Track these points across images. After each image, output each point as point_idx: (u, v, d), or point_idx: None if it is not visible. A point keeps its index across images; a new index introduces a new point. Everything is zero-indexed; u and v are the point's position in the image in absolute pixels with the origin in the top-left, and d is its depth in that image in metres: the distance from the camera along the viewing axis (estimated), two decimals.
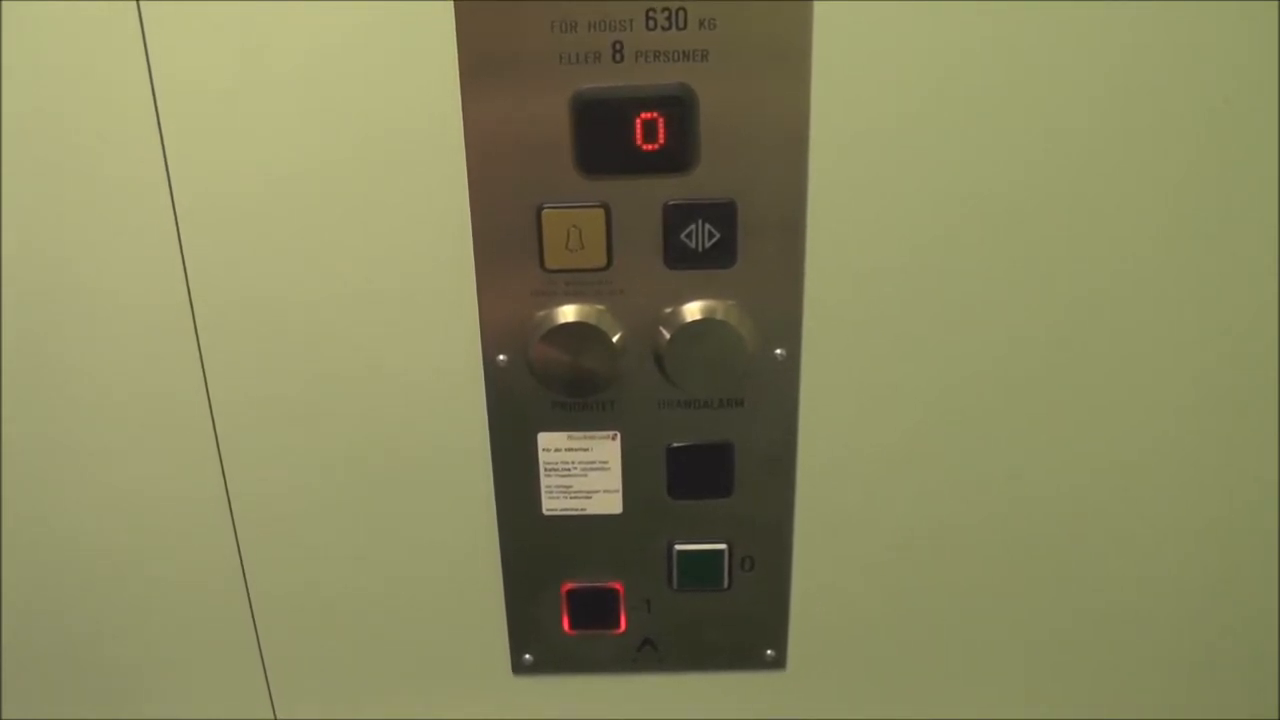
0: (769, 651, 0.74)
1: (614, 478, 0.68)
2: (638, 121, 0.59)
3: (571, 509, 0.69)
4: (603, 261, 0.62)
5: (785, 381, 0.66)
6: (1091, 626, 0.74)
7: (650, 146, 0.59)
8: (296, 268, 0.63)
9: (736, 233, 0.62)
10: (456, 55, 0.58)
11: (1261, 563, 0.72)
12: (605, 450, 0.68)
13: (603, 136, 0.59)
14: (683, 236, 0.62)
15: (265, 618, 0.74)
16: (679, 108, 0.59)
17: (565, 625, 0.73)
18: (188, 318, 0.65)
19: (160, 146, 0.60)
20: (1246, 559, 0.72)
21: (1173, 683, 0.76)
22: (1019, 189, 0.61)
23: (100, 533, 0.71)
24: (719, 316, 0.63)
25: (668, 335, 0.63)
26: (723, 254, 0.62)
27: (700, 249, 0.62)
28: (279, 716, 0.77)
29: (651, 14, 0.57)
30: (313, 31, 0.58)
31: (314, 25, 0.58)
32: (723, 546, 0.71)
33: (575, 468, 0.68)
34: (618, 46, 0.58)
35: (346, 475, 0.69)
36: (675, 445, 0.68)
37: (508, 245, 0.62)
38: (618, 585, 0.72)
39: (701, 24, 0.57)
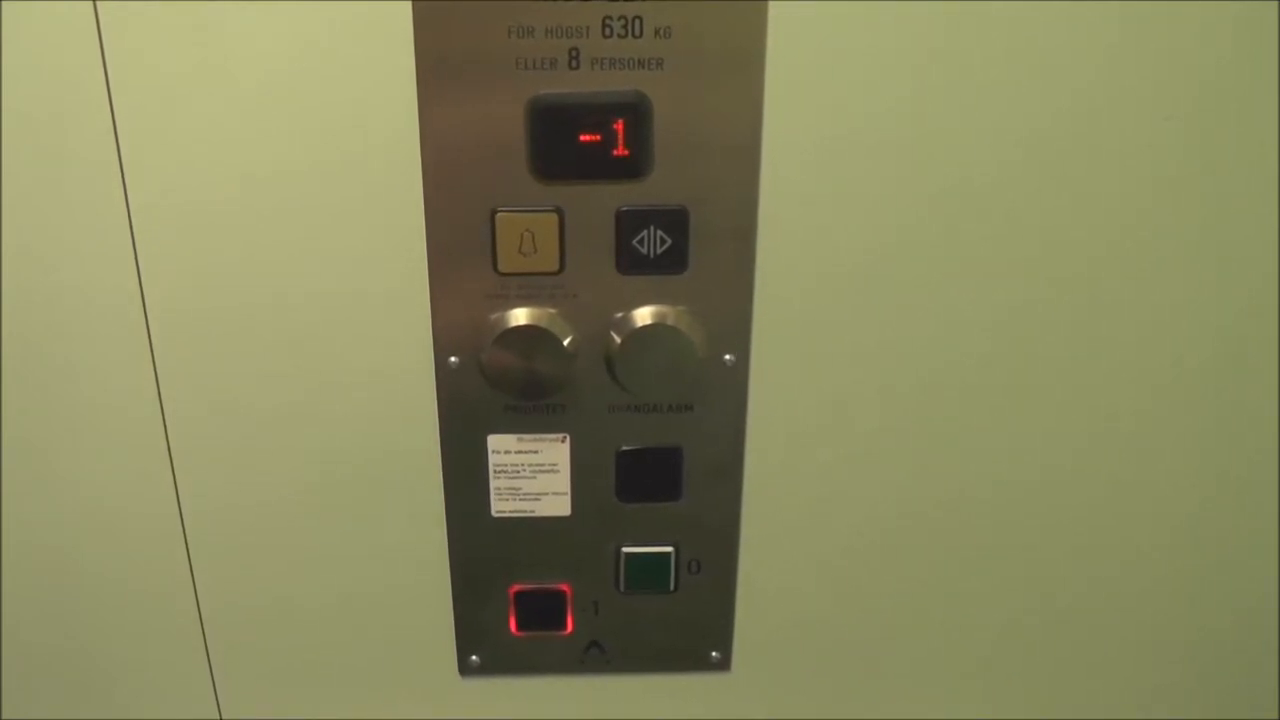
0: (714, 653, 0.75)
1: (563, 480, 0.69)
2: (592, 127, 0.59)
3: (520, 511, 0.70)
4: (555, 266, 0.63)
5: (734, 387, 0.67)
6: (1038, 627, 0.76)
7: (605, 152, 0.60)
8: (248, 268, 0.63)
9: (688, 239, 0.62)
10: (414, 58, 0.58)
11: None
12: (555, 453, 0.68)
13: (558, 142, 0.60)
14: (635, 242, 0.62)
15: (212, 616, 0.73)
16: (634, 114, 0.59)
17: (512, 627, 0.73)
18: (139, 314, 0.64)
19: (115, 147, 0.60)
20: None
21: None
22: (972, 195, 0.62)
23: (46, 531, 0.70)
24: (669, 322, 0.64)
25: (619, 340, 0.64)
26: (674, 260, 0.63)
27: (652, 255, 0.63)
28: (225, 717, 0.77)
29: (608, 21, 0.58)
30: (269, 33, 0.58)
31: (271, 27, 0.57)
32: (670, 549, 0.71)
33: (525, 470, 0.69)
34: (574, 53, 0.58)
35: (295, 475, 0.69)
36: (624, 449, 0.68)
37: (461, 248, 0.63)
38: (565, 587, 0.72)
39: (657, 32, 0.58)
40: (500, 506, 0.69)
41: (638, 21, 0.58)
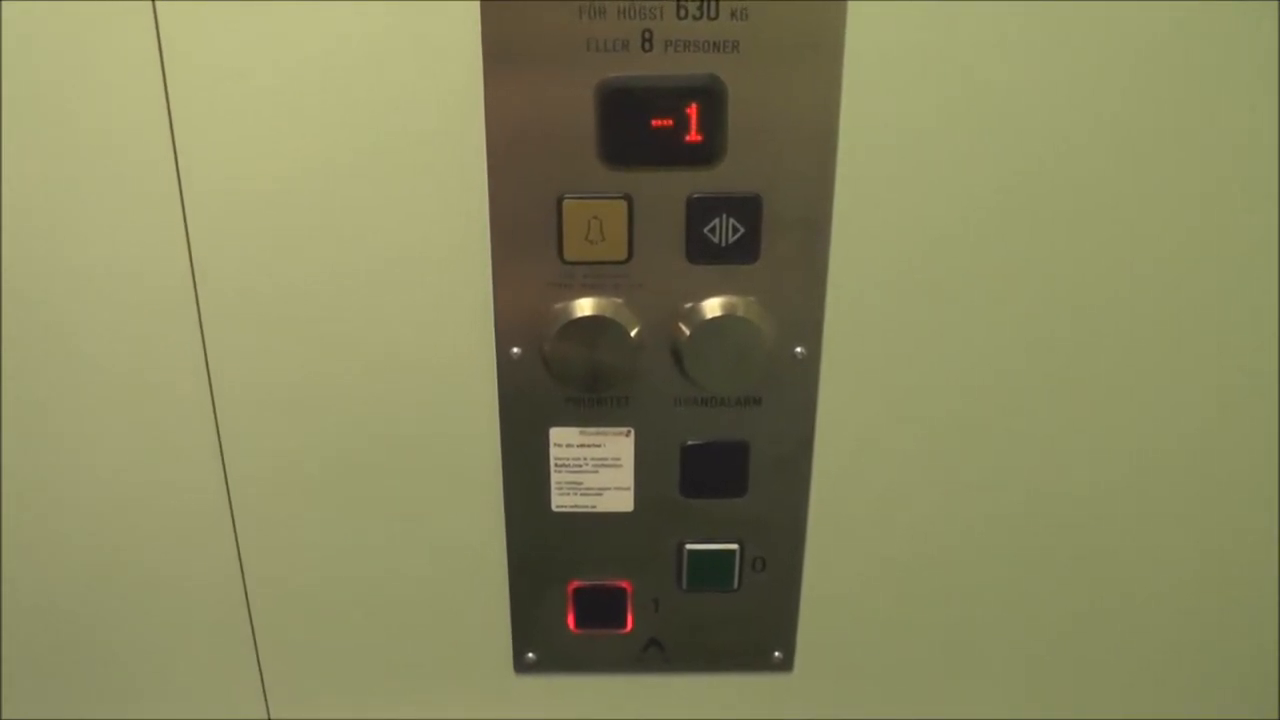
0: (776, 653, 0.73)
1: (626, 475, 0.67)
2: (664, 112, 0.58)
3: (581, 506, 0.68)
4: (623, 254, 0.61)
5: (804, 380, 0.65)
6: (1096, 629, 0.74)
7: (677, 138, 0.58)
8: (308, 255, 0.62)
9: (761, 228, 0.61)
10: (480, 39, 0.56)
11: (1262, 563, 0.72)
12: (618, 447, 0.67)
13: (628, 126, 0.58)
14: (706, 230, 0.61)
15: (261, 612, 0.72)
16: (707, 99, 0.57)
17: (570, 624, 0.72)
18: (192, 305, 0.63)
19: (169, 129, 0.58)
20: (1247, 559, 0.72)
21: (1173, 683, 0.76)
22: (1048, 190, 0.60)
23: (96, 525, 0.69)
24: (740, 313, 0.62)
25: (687, 331, 0.62)
26: (746, 249, 0.61)
27: (723, 244, 0.61)
28: (273, 717, 0.76)
29: (683, 3, 0.56)
30: (331, 14, 0.56)
31: (333, 8, 0.56)
32: (734, 547, 0.69)
33: (587, 464, 0.67)
34: (647, 35, 0.56)
35: (351, 467, 0.67)
36: (690, 443, 0.66)
37: (526, 235, 0.61)
38: (626, 584, 0.71)
39: (733, 14, 0.56)
40: (561, 501, 0.68)
41: (713, 3, 0.56)
